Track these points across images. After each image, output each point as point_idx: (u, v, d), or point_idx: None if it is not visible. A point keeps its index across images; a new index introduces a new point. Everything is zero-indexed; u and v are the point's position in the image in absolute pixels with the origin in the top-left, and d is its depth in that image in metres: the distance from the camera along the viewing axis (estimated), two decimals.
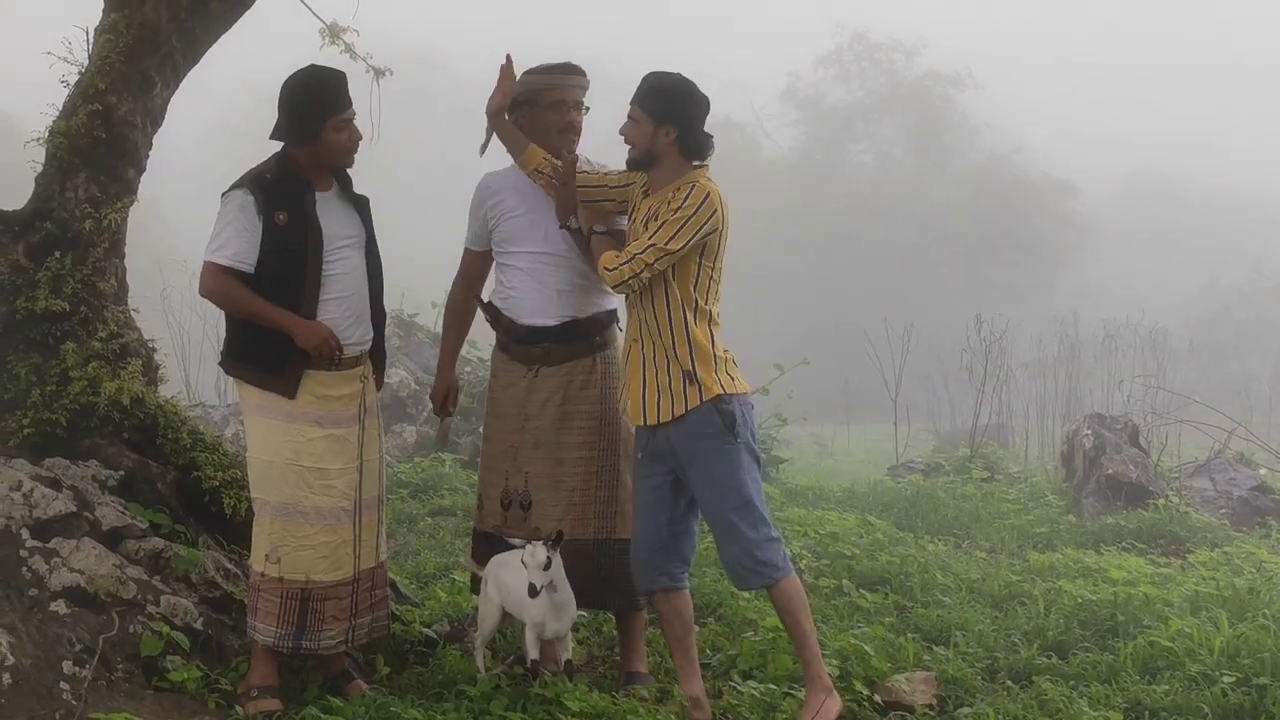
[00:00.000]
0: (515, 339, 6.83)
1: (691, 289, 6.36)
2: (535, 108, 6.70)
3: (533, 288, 6.76)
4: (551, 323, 6.72)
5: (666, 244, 6.20)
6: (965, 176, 53.55)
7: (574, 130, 6.77)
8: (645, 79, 6.50)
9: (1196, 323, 40.66)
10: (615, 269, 6.26)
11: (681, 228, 6.21)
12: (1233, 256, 49.09)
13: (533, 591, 6.15)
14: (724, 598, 8.39)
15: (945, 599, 8.84)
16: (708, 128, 6.47)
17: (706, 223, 6.26)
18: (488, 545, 6.83)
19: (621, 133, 6.48)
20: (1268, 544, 11.97)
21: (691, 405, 6.34)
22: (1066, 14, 75.94)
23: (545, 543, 6.19)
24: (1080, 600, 8.53)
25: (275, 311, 6.16)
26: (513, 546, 6.37)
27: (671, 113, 6.39)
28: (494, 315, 6.90)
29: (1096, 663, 7.51)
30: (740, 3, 75.64)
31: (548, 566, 6.14)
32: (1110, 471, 13.28)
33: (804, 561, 9.44)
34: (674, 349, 6.35)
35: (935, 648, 7.75)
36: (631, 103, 6.44)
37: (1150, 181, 59.82)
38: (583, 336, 6.75)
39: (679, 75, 6.52)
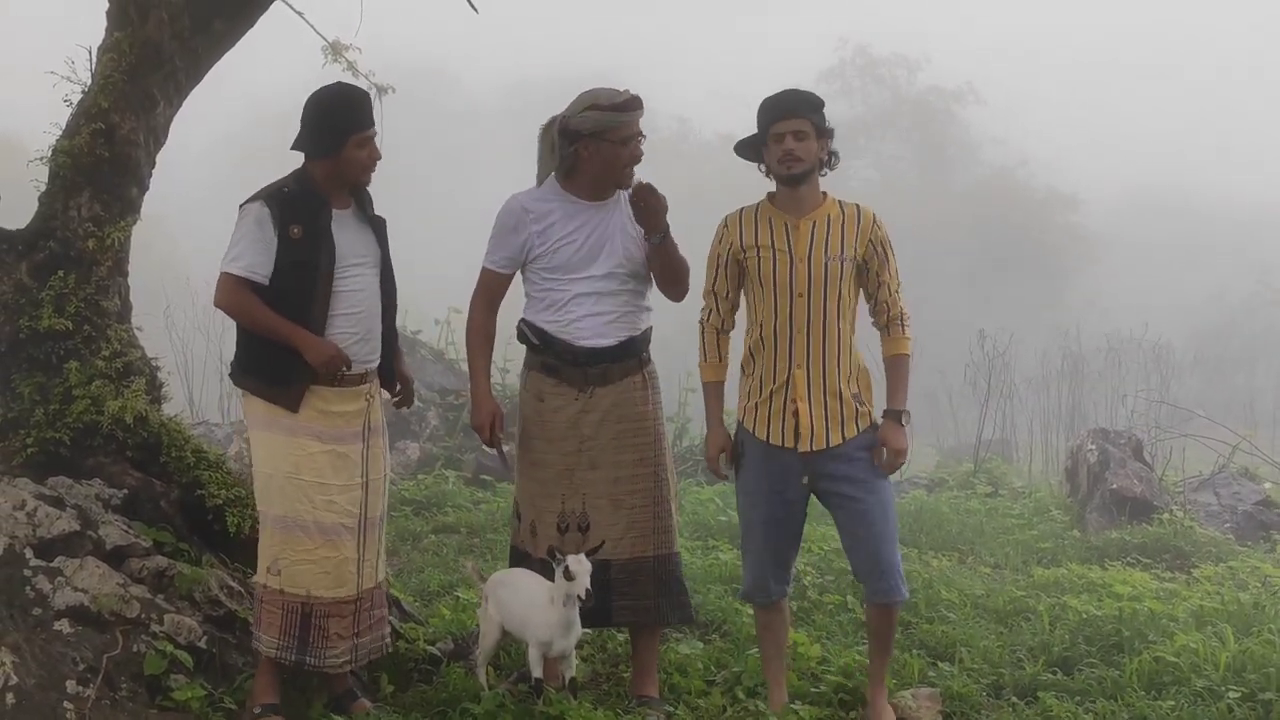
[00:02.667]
0: (570, 361, 6.71)
1: (857, 313, 6.60)
2: (601, 142, 6.59)
3: (597, 310, 6.70)
4: (610, 343, 6.68)
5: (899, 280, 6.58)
6: (969, 192, 53.57)
7: (638, 160, 6.72)
8: (794, 95, 6.51)
9: (1202, 335, 40.59)
10: (910, 335, 6.58)
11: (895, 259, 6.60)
12: (1239, 269, 48.99)
13: (590, 598, 6.19)
14: (728, 615, 8.39)
15: (950, 615, 8.81)
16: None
17: None
18: (519, 563, 6.85)
19: (791, 151, 6.43)
20: (1272, 558, 11.92)
21: (863, 428, 6.52)
22: (1068, 28, 75.94)
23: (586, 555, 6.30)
24: (1085, 616, 8.50)
25: (286, 326, 6.18)
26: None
27: (826, 125, 6.50)
28: (542, 339, 6.77)
29: (1102, 678, 7.48)
30: (742, 18, 75.71)
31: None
32: (1115, 486, 13.22)
33: (808, 578, 9.42)
34: (842, 373, 6.50)
35: (940, 664, 7.72)
36: (788, 117, 6.43)
37: (1155, 194, 59.75)
38: (634, 354, 6.75)
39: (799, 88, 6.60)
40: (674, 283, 6.81)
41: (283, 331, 6.19)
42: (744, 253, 6.56)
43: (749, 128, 6.65)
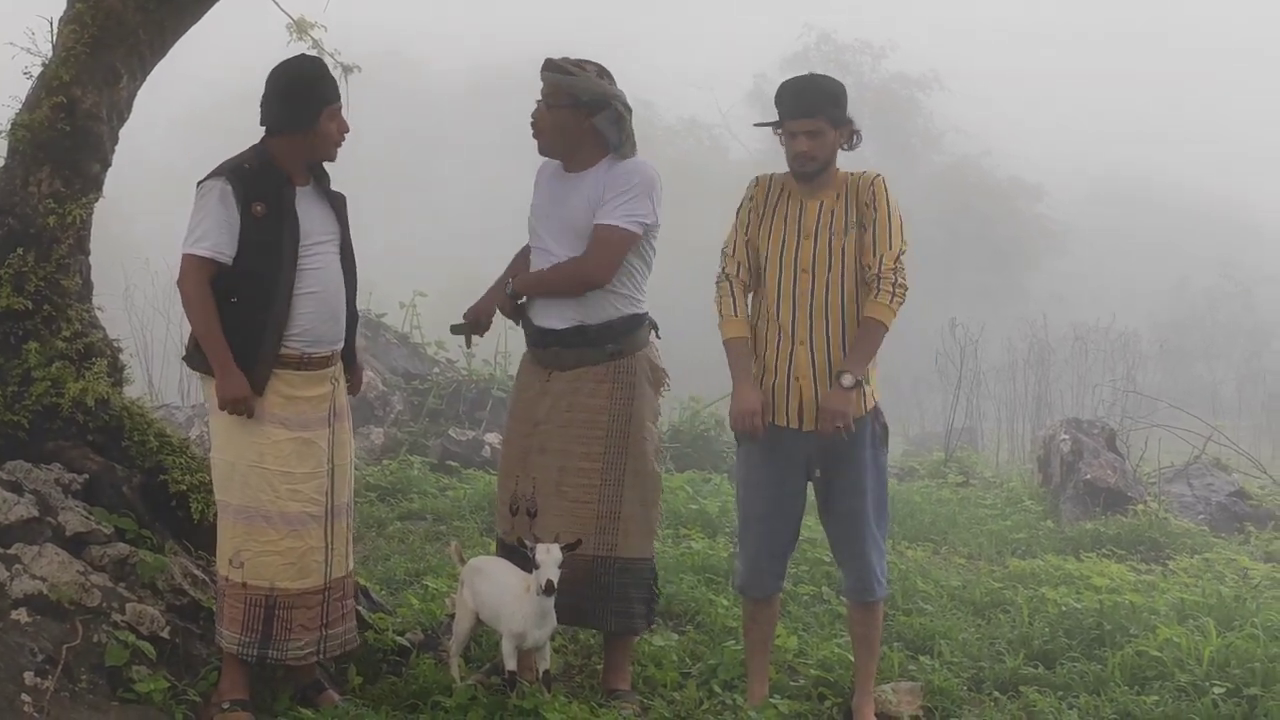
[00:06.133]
0: (530, 340, 6.74)
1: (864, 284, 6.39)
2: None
3: None
4: (558, 326, 6.57)
5: (902, 248, 6.32)
6: (933, 180, 53.56)
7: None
8: (802, 87, 6.38)
9: (1164, 326, 40.72)
10: (893, 302, 6.27)
11: (899, 225, 6.32)
12: (1201, 260, 49.21)
13: (550, 589, 6.05)
14: (702, 605, 8.26)
15: (927, 607, 8.73)
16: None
17: None
18: (505, 554, 6.72)
19: (805, 151, 6.30)
20: (1247, 550, 11.90)
21: (862, 412, 6.33)
22: (1031, 17, 76.13)
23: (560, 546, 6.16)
24: (1065, 608, 8.43)
25: (220, 345, 5.99)
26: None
27: (844, 115, 6.36)
28: (522, 313, 6.78)
29: (1084, 673, 7.43)
30: (707, 3, 75.59)
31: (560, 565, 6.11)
32: (1089, 476, 13.15)
33: None
34: (844, 351, 6.32)
35: (920, 657, 7.64)
36: (800, 117, 6.29)
37: (1119, 185, 59.98)
38: (591, 343, 6.55)
39: (826, 75, 6.51)
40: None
41: (213, 346, 6.00)
42: (759, 217, 6.48)
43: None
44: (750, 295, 6.58)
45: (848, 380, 6.20)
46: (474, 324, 6.94)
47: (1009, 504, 13.75)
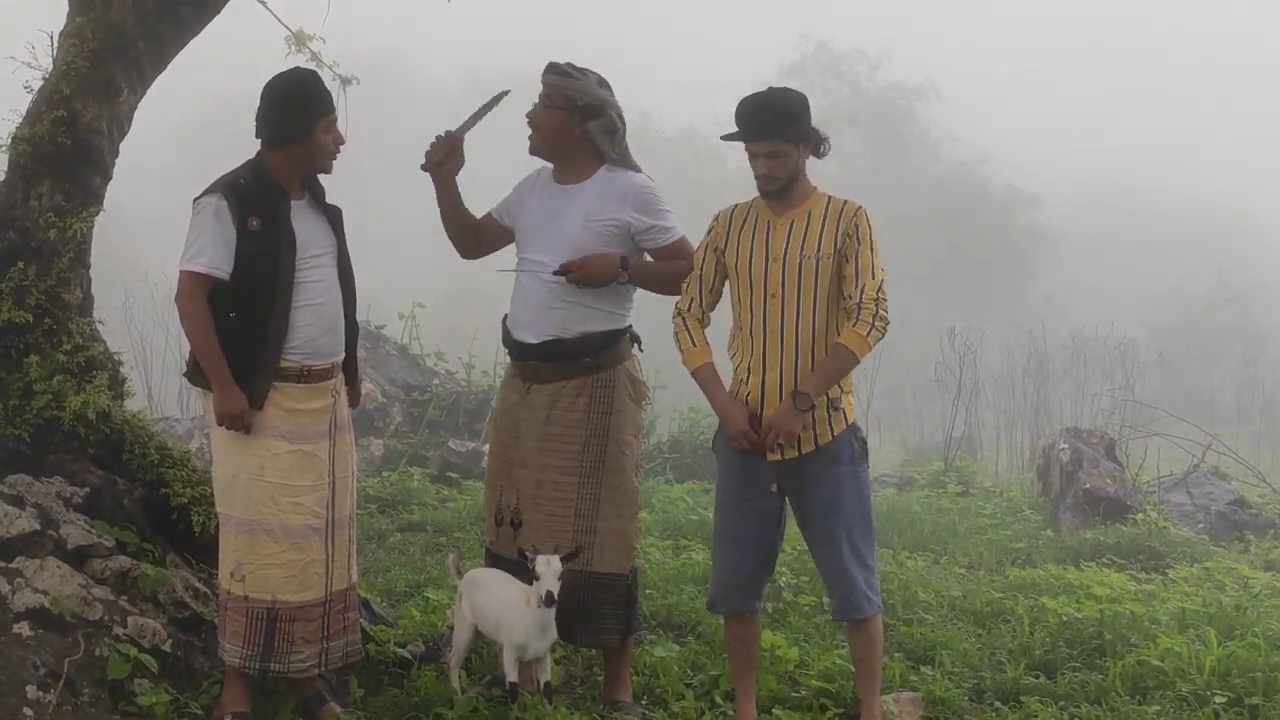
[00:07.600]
0: (510, 353, 6.71)
1: (839, 313, 6.23)
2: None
3: (521, 300, 6.60)
4: (534, 340, 6.53)
5: (882, 277, 6.16)
6: (930, 188, 53.56)
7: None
8: (759, 109, 6.16)
9: (1160, 333, 40.77)
10: (870, 335, 6.09)
11: (876, 254, 6.17)
12: (1197, 267, 49.22)
13: (551, 600, 6.05)
14: (703, 615, 8.24)
15: (928, 617, 8.70)
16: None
17: None
18: (493, 563, 6.72)
19: (767, 173, 6.17)
20: (1247, 559, 11.89)
21: (837, 432, 6.19)
22: (1027, 27, 76.21)
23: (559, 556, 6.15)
24: (1065, 618, 8.40)
25: (218, 361, 5.99)
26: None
27: (807, 130, 6.20)
28: (504, 326, 6.75)
29: (1085, 682, 7.39)
30: (706, 12, 75.67)
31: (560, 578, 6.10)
32: (1088, 485, 13.15)
33: (783, 578, 9.26)
34: None
35: (921, 668, 7.61)
36: (759, 140, 6.13)
37: (1115, 193, 60.00)
38: (569, 357, 6.49)
39: (785, 90, 6.32)
40: (669, 293, 6.60)
41: (211, 362, 6.01)
42: (725, 249, 6.34)
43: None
44: (705, 327, 6.46)
45: (802, 403, 6.08)
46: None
47: (1009, 513, 13.72)
